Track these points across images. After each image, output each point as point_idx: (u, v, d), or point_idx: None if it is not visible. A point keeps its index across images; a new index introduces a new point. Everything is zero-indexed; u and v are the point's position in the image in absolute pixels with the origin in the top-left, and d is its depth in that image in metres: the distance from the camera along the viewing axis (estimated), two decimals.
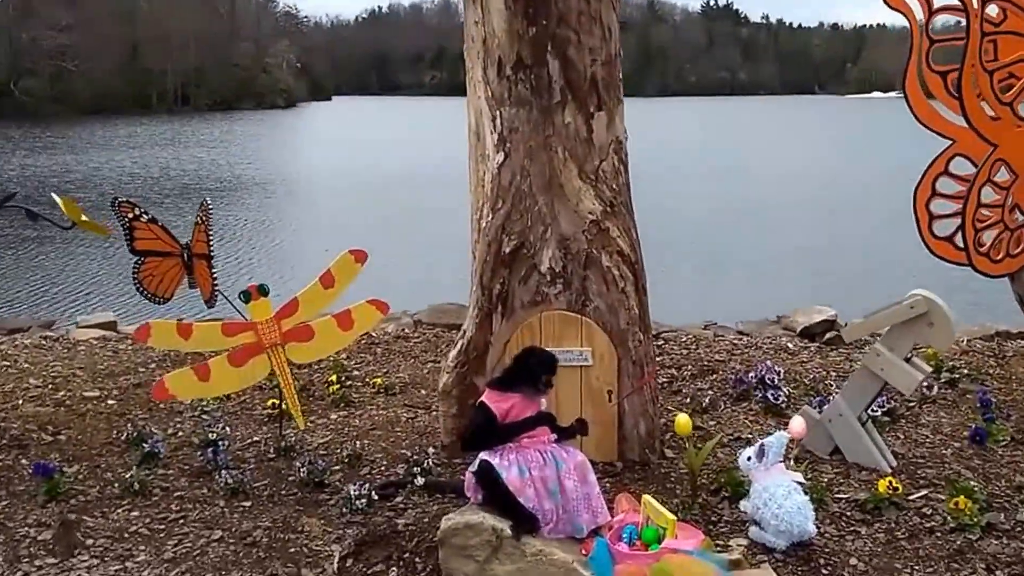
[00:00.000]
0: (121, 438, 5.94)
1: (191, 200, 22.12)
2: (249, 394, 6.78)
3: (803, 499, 4.59)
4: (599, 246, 5.33)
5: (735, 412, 6.31)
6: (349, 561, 4.64)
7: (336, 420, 6.35)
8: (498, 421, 4.55)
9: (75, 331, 8.90)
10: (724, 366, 7.35)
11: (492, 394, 4.62)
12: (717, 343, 8.20)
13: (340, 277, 5.46)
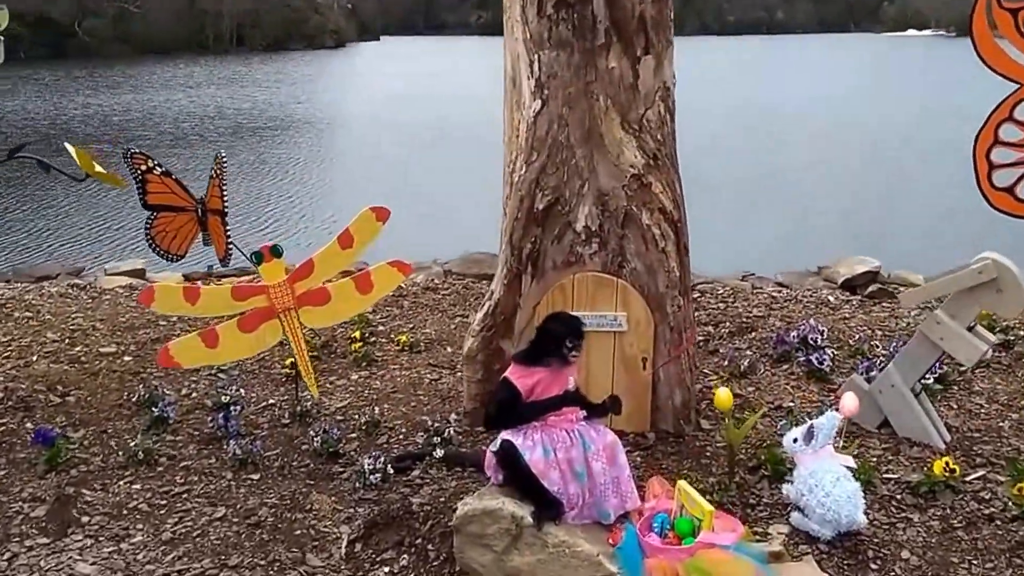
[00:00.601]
0: (132, 400, 5.48)
1: (243, 139, 21.65)
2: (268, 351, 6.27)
3: (853, 486, 4.02)
4: (639, 202, 4.72)
5: (776, 376, 5.71)
6: (357, 546, 4.15)
7: (356, 381, 5.84)
8: (522, 399, 4.01)
9: (103, 279, 8.45)
10: (763, 323, 6.74)
11: (516, 369, 4.07)
12: (755, 296, 7.57)
13: (359, 237, 4.89)
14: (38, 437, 4.78)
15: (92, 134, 22.07)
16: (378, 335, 6.66)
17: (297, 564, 4.03)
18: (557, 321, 4.14)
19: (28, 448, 4.89)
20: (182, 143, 20.82)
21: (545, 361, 4.05)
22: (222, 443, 4.94)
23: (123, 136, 21.54)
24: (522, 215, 4.82)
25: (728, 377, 5.69)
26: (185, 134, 22.50)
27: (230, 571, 3.98)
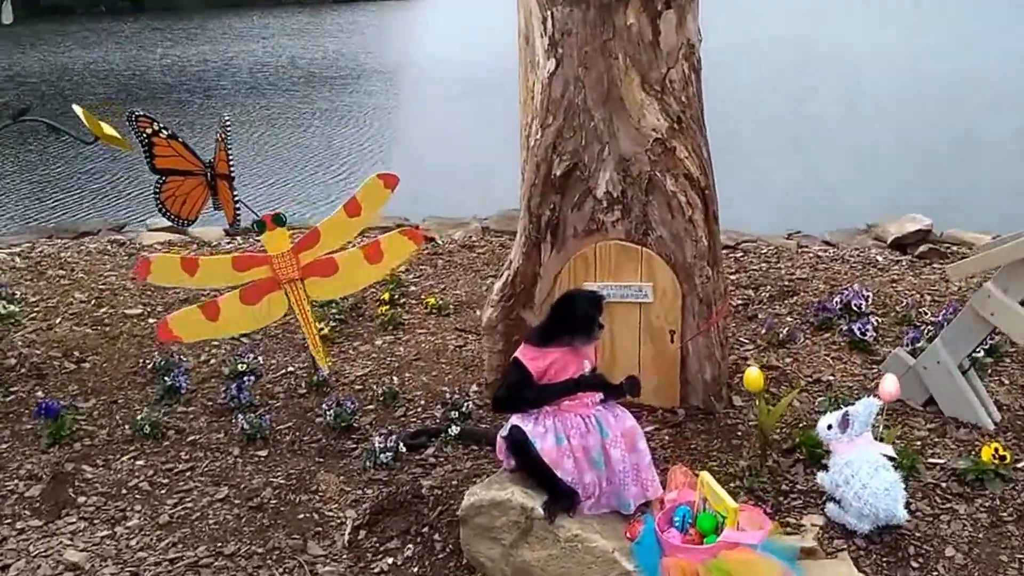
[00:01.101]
0: (148, 367, 5.19)
1: (315, 88, 21.22)
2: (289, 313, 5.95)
3: (893, 478, 3.58)
4: (663, 168, 4.26)
5: (816, 346, 5.25)
6: (362, 533, 3.82)
7: (380, 347, 5.49)
8: (534, 382, 3.63)
9: (144, 235, 8.16)
10: (806, 286, 6.24)
11: (528, 350, 3.68)
12: (800, 256, 7.06)
13: (367, 204, 4.49)
14: (41, 410, 4.51)
15: (171, 84, 21.82)
16: (408, 296, 6.29)
17: (297, 552, 3.72)
18: (575, 301, 3.74)
19: (35, 419, 4.62)
20: (256, 92, 20.48)
21: (559, 341, 3.66)
22: (234, 415, 4.63)
23: (200, 86, 21.27)
24: (539, 181, 4.39)
25: (765, 346, 5.24)
26: (260, 84, 22.14)
27: (225, 560, 3.68)
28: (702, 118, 4.37)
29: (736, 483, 3.96)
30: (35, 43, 30.99)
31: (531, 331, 3.85)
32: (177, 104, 18.58)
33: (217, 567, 3.64)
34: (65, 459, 4.33)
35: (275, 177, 12.68)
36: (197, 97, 19.66)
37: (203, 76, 23.42)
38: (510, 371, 3.73)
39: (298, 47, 30.08)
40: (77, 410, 4.75)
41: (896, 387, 3.82)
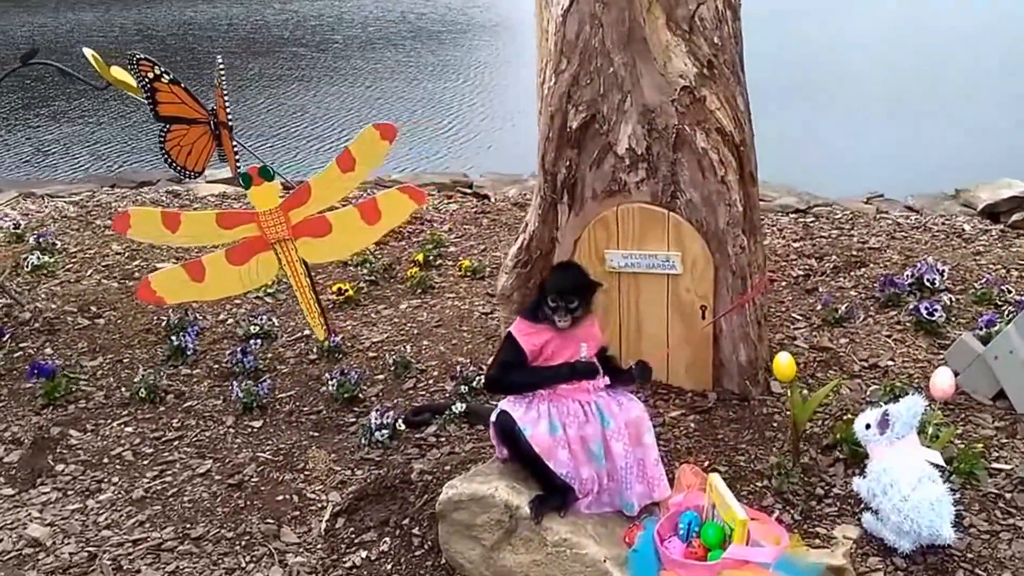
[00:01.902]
0: (162, 325, 4.85)
1: (423, 42, 20.78)
2: (326, 273, 5.56)
3: (939, 491, 2.98)
4: (692, 121, 3.68)
5: (878, 326, 4.59)
6: (340, 520, 3.40)
7: (404, 311, 5.05)
8: (527, 362, 3.13)
9: (201, 186, 7.87)
10: (878, 256, 5.55)
11: (523, 324, 3.18)
12: (877, 223, 6.33)
13: (362, 159, 3.99)
14: (34, 370, 4.21)
15: (287, 38, 21.65)
16: (445, 257, 5.83)
17: (269, 539, 3.33)
18: (550, 277, 3.21)
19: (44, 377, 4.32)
20: (368, 47, 20.14)
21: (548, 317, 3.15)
22: (236, 381, 4.25)
23: (315, 39, 21.05)
24: (554, 135, 3.85)
25: (819, 324, 4.61)
26: (371, 38, 21.80)
27: (190, 544, 3.31)
28: (740, 63, 3.76)
29: (763, 483, 3.41)
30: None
31: (527, 305, 3.34)
32: (292, 57, 18.35)
33: (180, 552, 3.27)
34: (54, 422, 4.04)
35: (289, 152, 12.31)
36: (311, 51, 19.39)
37: (317, 30, 23.17)
38: (502, 347, 3.24)
39: (408, 1, 29.62)
40: (81, 369, 4.44)
41: (950, 383, 3.22)
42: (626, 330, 4.03)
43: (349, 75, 15.99)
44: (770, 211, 6.55)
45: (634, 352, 4.04)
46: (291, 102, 14.13)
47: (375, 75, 16.23)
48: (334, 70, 16.59)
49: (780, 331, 4.52)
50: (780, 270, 5.36)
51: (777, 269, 5.37)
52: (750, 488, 3.39)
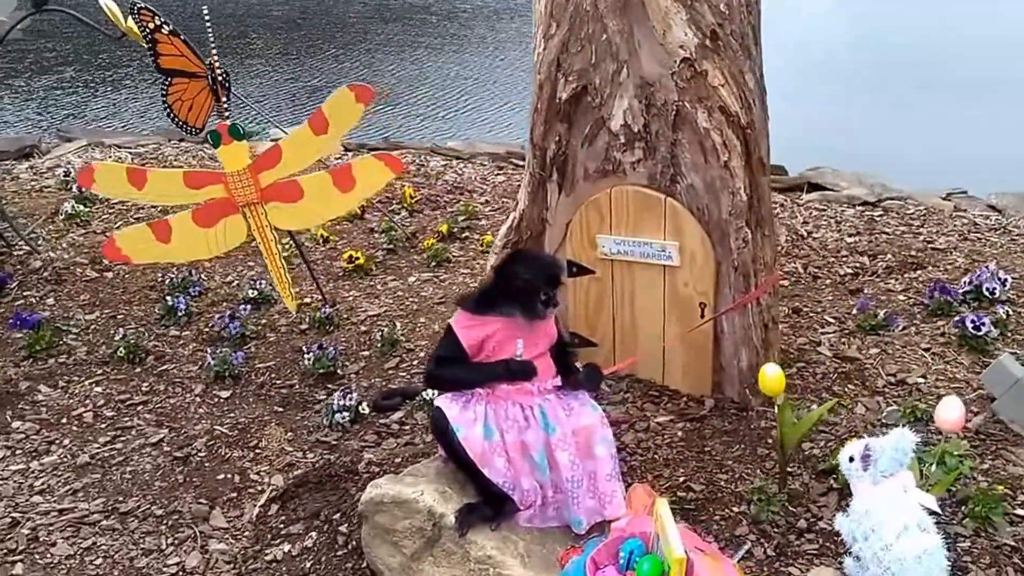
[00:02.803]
0: (165, 282, 4.62)
1: None
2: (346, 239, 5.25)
3: (929, 543, 2.45)
4: (694, 98, 3.18)
5: (918, 337, 4.00)
6: (274, 507, 3.09)
7: (411, 285, 4.70)
8: (464, 356, 2.74)
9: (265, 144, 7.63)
10: (940, 259, 4.90)
11: (464, 316, 2.81)
12: (952, 221, 5.63)
13: (336, 121, 3.62)
14: (17, 320, 4.02)
15: (418, 5, 21.27)
16: (474, 230, 5.43)
17: (197, 521, 3.06)
18: (521, 262, 2.80)
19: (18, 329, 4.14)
20: (494, 17, 19.61)
21: (500, 309, 2.74)
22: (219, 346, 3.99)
23: (444, 8, 20.60)
24: (542, 106, 3.41)
25: (852, 330, 4.05)
26: (497, 9, 21.24)
27: (115, 519, 3.07)
28: (754, 36, 3.23)
29: (741, 508, 2.94)
30: None
31: (469, 294, 2.94)
32: (420, 24, 17.99)
33: (102, 527, 3.03)
34: (26, 376, 3.86)
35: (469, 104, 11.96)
36: (439, 19, 18.96)
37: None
38: (443, 340, 2.85)
39: None
40: (74, 322, 4.25)
41: (958, 415, 2.67)
42: (620, 324, 3.58)
43: (473, 43, 15.73)
44: (836, 202, 5.93)
45: (628, 349, 3.61)
46: (416, 68, 13.87)
47: (497, 44, 15.89)
48: (460, 38, 16.34)
49: (805, 334, 3.99)
50: (826, 267, 4.79)
51: (823, 266, 4.80)
52: (724, 513, 2.93)
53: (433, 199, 5.95)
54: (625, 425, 3.36)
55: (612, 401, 3.49)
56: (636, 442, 3.26)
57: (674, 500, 2.96)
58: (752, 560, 2.74)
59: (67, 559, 2.91)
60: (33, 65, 13.54)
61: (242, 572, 2.84)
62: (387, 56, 14.48)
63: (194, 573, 2.84)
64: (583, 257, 3.57)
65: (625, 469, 3.12)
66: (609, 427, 2.81)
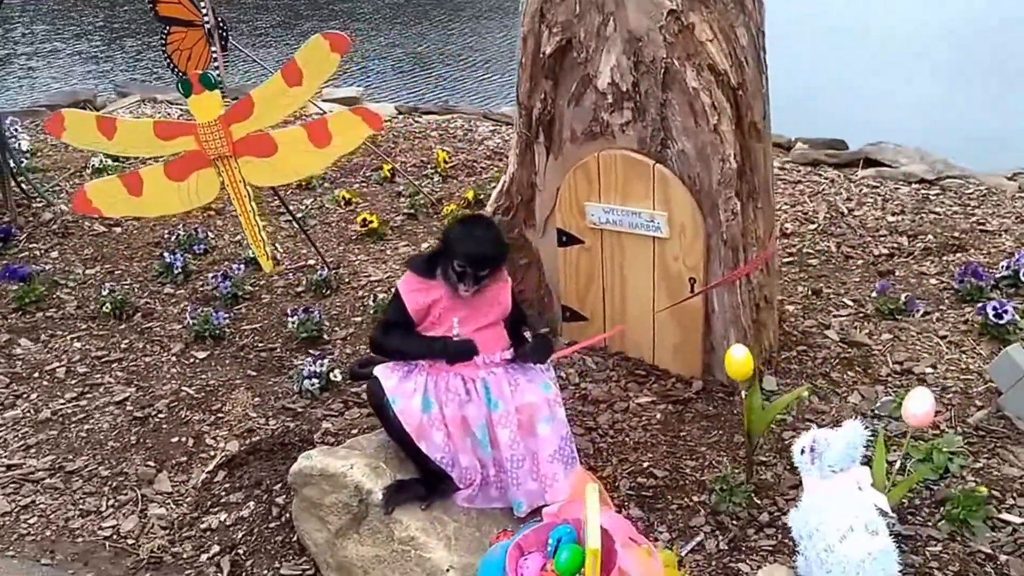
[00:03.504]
0: (172, 239, 4.62)
1: None
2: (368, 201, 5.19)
3: (877, 546, 2.25)
4: (682, 54, 2.99)
5: (938, 323, 3.72)
6: (221, 474, 3.03)
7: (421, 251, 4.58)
8: (407, 321, 2.63)
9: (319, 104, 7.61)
10: (987, 241, 4.56)
11: (411, 279, 2.68)
12: (1012, 203, 5.23)
13: (309, 71, 3.49)
14: (7, 272, 4.06)
15: None
16: None
17: (142, 484, 3.02)
18: (458, 234, 2.66)
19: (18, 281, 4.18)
20: None
21: (446, 276, 2.62)
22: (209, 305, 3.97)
23: None
24: (527, 61, 3.25)
25: (868, 314, 3.80)
26: None
27: (60, 477, 3.06)
28: None
29: (701, 497, 2.77)
30: None
31: (420, 255, 2.84)
32: None
33: (45, 485, 3.03)
34: (10, 328, 3.88)
35: None
36: None
37: None
38: (389, 303, 2.75)
39: None
40: (72, 276, 4.28)
41: (928, 408, 2.44)
42: (610, 298, 3.42)
43: None
44: (891, 179, 5.60)
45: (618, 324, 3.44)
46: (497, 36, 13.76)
47: None
48: None
49: (815, 317, 3.75)
50: (861, 247, 4.51)
51: (858, 245, 4.53)
52: (683, 502, 2.77)
53: (470, 164, 5.83)
54: (604, 405, 3.22)
55: (596, 379, 3.34)
56: (611, 423, 3.11)
57: (633, 486, 2.82)
58: (702, 553, 2.58)
59: (1, 516, 2.91)
60: (101, 23, 13.84)
61: (175, 540, 2.79)
62: (492, 23, 14.31)
63: (127, 538, 2.81)
64: (572, 226, 3.42)
65: (591, 451, 3.00)
66: (560, 406, 2.67)
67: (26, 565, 2.73)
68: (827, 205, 5.03)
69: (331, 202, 5.18)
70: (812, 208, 4.95)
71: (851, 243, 4.57)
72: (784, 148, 6.13)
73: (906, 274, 4.18)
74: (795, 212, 4.93)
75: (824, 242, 4.59)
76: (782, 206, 5.01)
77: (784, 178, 5.44)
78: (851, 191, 5.29)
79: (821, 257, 4.43)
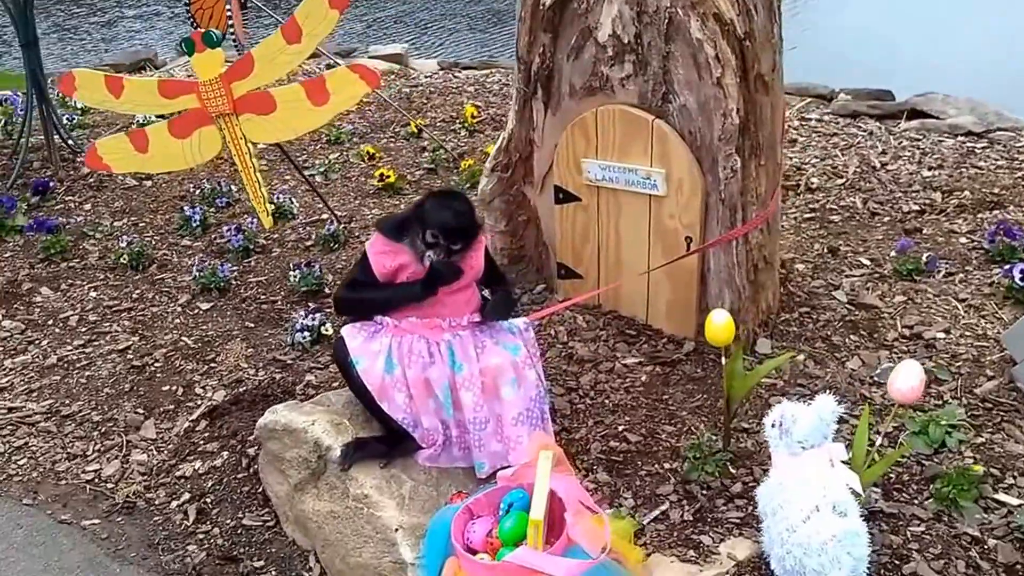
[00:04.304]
0: (197, 193, 4.57)
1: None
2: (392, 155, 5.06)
3: (841, 528, 2.04)
4: (687, 2, 2.75)
5: (960, 285, 3.43)
6: (203, 423, 2.98)
7: None
8: (376, 282, 2.51)
9: (364, 60, 7.51)
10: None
11: (380, 241, 2.56)
12: None
13: (309, 28, 3.38)
14: (33, 225, 4.07)
15: None
16: None
17: (129, 430, 3.00)
18: (432, 203, 2.52)
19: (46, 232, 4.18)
20: None
21: (414, 242, 2.48)
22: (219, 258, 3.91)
23: None
24: (526, 14, 3.05)
25: (884, 275, 3.53)
26: None
27: (54, 421, 3.06)
28: None
29: (673, 465, 2.60)
30: None
31: (390, 217, 2.70)
32: None
33: (39, 428, 3.04)
34: (33, 277, 3.89)
35: None
36: None
37: None
38: (355, 264, 2.63)
39: None
40: (98, 228, 4.26)
41: (917, 383, 2.21)
42: (604, 257, 3.23)
43: None
44: (935, 131, 5.23)
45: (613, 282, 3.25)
46: None
47: None
48: None
49: (825, 277, 3.50)
50: (890, 203, 4.21)
51: (886, 201, 4.23)
52: (652, 469, 2.60)
53: (498, 119, 5.64)
54: (589, 365, 3.05)
55: (584, 338, 3.17)
56: (593, 383, 2.94)
57: (604, 450, 2.66)
58: (665, 523, 2.42)
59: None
60: None
61: (150, 485, 2.78)
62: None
63: (108, 481, 2.80)
64: (570, 183, 3.24)
65: (569, 412, 2.84)
66: (530, 368, 2.53)
67: (9, 504, 2.75)
68: (859, 159, 4.71)
69: (356, 157, 5.07)
70: (843, 162, 4.64)
71: (879, 199, 4.27)
72: (825, 99, 5.78)
73: (934, 232, 3.89)
74: (823, 166, 4.61)
75: (850, 197, 4.29)
76: (811, 160, 4.71)
77: (819, 130, 5.12)
78: (888, 144, 4.95)
79: (844, 213, 4.15)
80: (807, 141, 4.97)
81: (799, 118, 5.28)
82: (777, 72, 3.00)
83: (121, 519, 2.68)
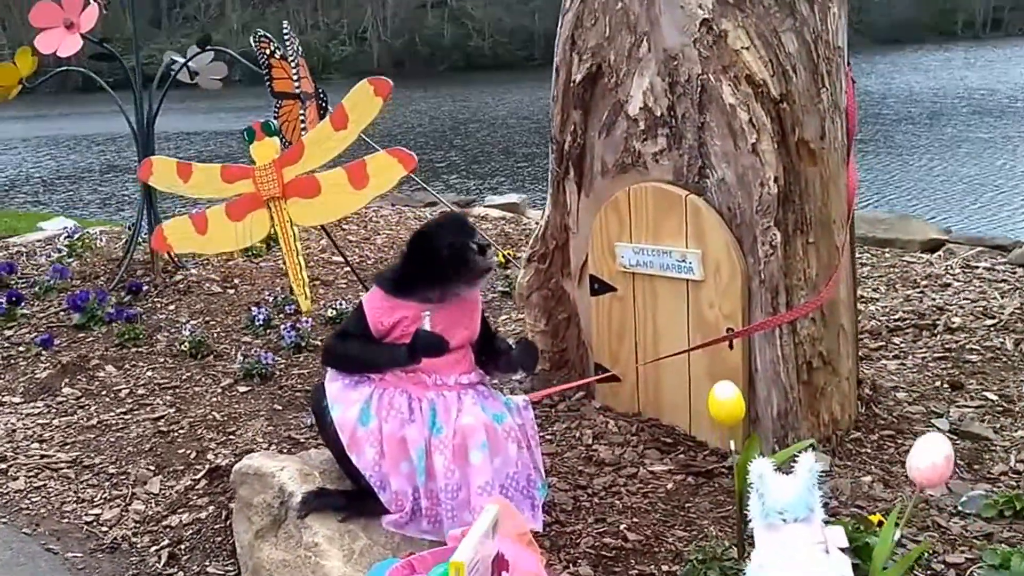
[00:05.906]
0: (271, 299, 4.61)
1: None
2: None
3: None
4: (718, 67, 2.64)
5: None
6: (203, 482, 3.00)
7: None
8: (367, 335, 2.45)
9: (479, 209, 7.69)
10: None
11: (378, 296, 2.52)
12: None
13: (356, 115, 3.66)
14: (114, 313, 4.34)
15: None
16: None
17: (137, 484, 3.10)
18: (432, 231, 2.49)
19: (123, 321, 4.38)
20: None
21: (418, 292, 2.41)
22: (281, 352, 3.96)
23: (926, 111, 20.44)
24: (558, 93, 3.04)
25: (1015, 412, 3.08)
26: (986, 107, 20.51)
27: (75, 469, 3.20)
28: None
29: (671, 568, 2.26)
30: None
31: (388, 270, 2.58)
32: None
33: (61, 475, 3.20)
34: (103, 356, 4.09)
35: None
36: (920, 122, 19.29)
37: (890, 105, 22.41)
38: (349, 318, 2.53)
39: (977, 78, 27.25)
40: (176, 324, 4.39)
41: (941, 460, 1.82)
42: (642, 353, 2.98)
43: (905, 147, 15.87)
44: None
45: (651, 385, 2.98)
46: None
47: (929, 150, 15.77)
48: None
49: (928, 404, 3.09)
50: None
51: None
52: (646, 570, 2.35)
53: None
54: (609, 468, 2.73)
55: (612, 442, 2.91)
56: (607, 485, 2.68)
57: (594, 545, 2.33)
58: None
59: (15, 492, 3.10)
60: None
61: (139, 532, 2.87)
62: None
63: (103, 525, 2.92)
64: (604, 271, 3.11)
65: (570, 507, 2.57)
66: (512, 441, 2.34)
67: (9, 531, 2.90)
68: (1021, 300, 4.22)
69: None
70: (999, 304, 4.17)
71: None
72: (1005, 249, 5.25)
73: None
74: (973, 307, 4.16)
75: (998, 338, 3.82)
76: (959, 301, 4.25)
77: (984, 276, 4.64)
78: None
79: (987, 354, 3.68)
80: (963, 286, 4.51)
81: (963, 265, 4.82)
82: (829, 142, 2.76)
83: (102, 556, 2.79)
